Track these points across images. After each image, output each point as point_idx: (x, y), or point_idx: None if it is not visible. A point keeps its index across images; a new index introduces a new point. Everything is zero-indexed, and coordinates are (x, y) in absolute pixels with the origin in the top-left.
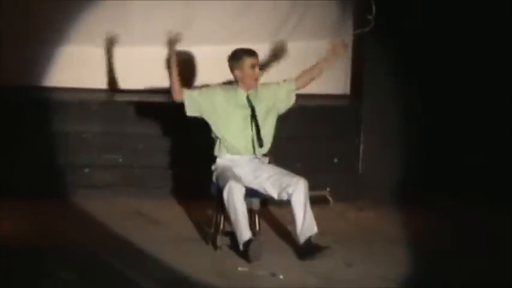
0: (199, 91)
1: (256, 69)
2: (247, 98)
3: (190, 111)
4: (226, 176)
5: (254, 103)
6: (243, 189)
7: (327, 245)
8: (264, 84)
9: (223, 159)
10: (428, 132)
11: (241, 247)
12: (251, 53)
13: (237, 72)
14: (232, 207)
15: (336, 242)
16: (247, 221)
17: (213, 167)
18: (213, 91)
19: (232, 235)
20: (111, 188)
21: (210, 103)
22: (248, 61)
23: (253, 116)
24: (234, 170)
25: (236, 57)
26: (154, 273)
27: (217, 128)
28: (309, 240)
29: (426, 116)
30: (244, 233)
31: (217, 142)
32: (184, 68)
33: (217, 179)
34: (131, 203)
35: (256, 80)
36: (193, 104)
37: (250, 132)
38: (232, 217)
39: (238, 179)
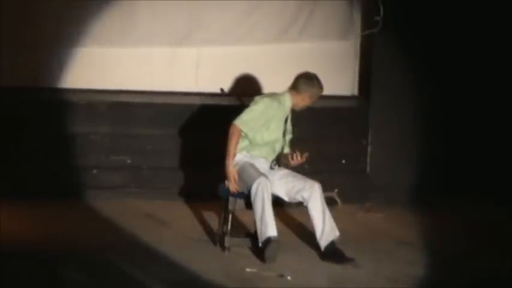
0: (251, 118)
1: (310, 102)
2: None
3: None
4: (251, 171)
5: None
6: (271, 186)
7: (342, 248)
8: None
9: (242, 155)
10: (435, 133)
11: (260, 243)
12: (322, 88)
13: (295, 92)
14: (261, 201)
15: (344, 243)
16: (274, 217)
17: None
18: (265, 105)
19: (251, 236)
20: (120, 189)
21: (264, 118)
22: (314, 94)
23: (285, 123)
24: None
25: (308, 82)
26: (163, 274)
27: (257, 132)
28: (332, 244)
29: (434, 116)
30: (271, 228)
31: (245, 141)
32: (192, 68)
33: (238, 175)
34: (139, 204)
35: (300, 109)
36: (250, 128)
37: (278, 136)
38: (259, 212)
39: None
